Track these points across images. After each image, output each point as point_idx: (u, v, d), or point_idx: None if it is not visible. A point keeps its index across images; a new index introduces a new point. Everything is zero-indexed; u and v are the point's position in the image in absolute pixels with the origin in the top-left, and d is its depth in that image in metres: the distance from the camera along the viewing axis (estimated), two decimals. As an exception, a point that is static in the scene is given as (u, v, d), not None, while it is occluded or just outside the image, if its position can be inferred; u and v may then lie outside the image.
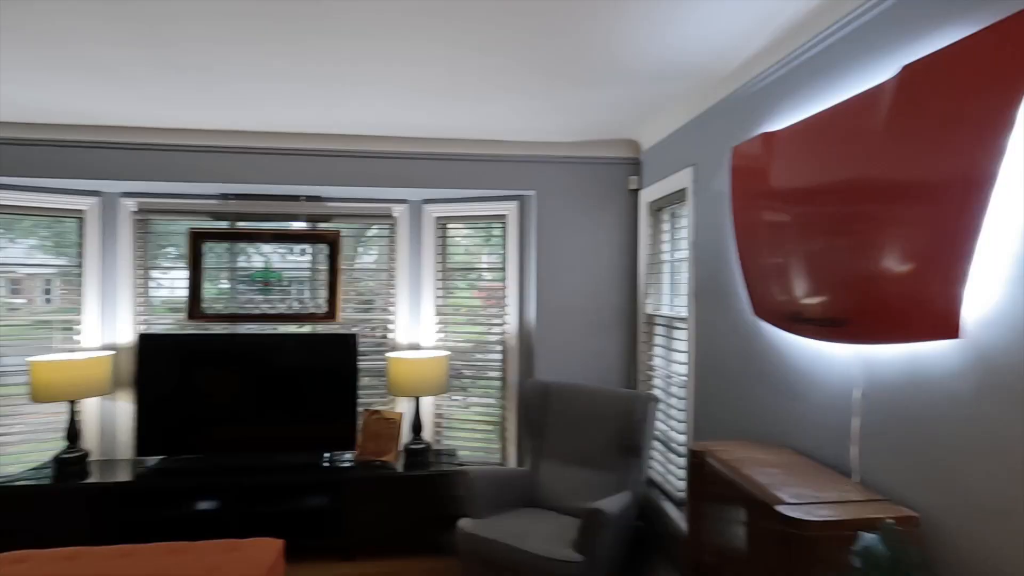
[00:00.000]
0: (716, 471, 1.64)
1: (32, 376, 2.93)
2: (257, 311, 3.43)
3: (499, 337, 3.51)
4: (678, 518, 2.61)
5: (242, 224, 3.46)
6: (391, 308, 3.58)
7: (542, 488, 2.86)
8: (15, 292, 3.31)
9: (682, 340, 2.72)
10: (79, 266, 3.31)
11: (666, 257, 3.04)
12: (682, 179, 2.67)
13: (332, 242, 3.44)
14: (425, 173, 3.28)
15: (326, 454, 3.29)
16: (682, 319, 2.73)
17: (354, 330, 3.44)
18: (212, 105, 2.66)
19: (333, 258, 3.44)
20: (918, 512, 1.31)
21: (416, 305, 3.57)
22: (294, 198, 3.45)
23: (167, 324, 3.43)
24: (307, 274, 3.50)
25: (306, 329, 3.48)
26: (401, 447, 3.25)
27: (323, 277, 3.47)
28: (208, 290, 3.40)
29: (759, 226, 1.94)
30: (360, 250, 3.67)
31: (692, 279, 2.56)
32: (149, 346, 3.13)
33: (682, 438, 2.69)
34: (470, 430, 3.56)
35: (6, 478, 2.92)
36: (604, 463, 2.76)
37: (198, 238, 3.34)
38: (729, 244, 2.21)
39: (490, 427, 3.53)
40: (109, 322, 3.34)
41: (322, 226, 3.52)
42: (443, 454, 3.36)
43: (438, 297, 3.59)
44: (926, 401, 1.33)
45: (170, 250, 3.49)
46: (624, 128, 3.05)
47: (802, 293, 1.65)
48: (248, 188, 3.30)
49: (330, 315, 3.43)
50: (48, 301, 3.37)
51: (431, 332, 3.57)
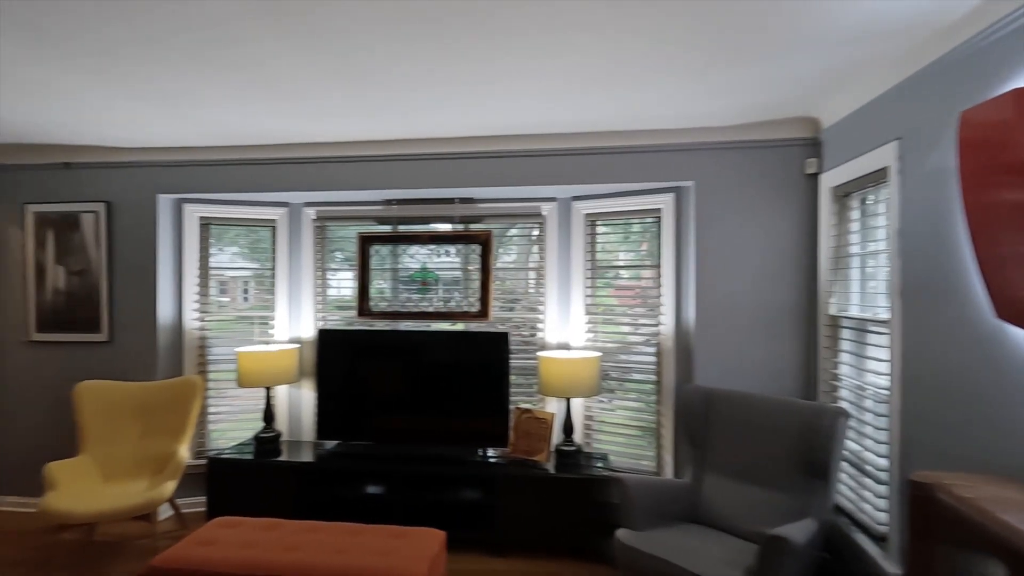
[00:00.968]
0: (955, 511, 1.33)
1: (238, 364, 3.39)
2: (416, 309, 3.62)
3: (648, 338, 3.31)
4: (878, 555, 2.23)
5: (403, 227, 3.69)
6: (539, 307, 3.57)
7: (706, 504, 2.62)
8: (223, 292, 3.86)
9: (880, 347, 2.32)
10: (272, 269, 3.76)
11: (855, 250, 2.63)
12: (882, 157, 2.27)
13: (483, 242, 3.52)
14: (575, 169, 3.21)
15: (479, 449, 3.37)
16: (880, 322, 2.32)
17: (504, 328, 3.48)
18: (377, 116, 2.84)
19: (485, 258, 3.51)
20: None
21: (565, 304, 3.52)
22: (448, 201, 3.58)
23: (341, 321, 3.77)
24: (459, 274, 3.62)
25: (459, 327, 3.60)
26: (552, 447, 3.21)
27: (475, 276, 3.56)
28: (374, 289, 3.67)
29: (1004, 207, 1.55)
30: (504, 249, 3.71)
31: (896, 275, 2.16)
32: (326, 340, 3.46)
33: (882, 462, 2.29)
34: (621, 434, 3.42)
35: (219, 451, 3.42)
36: (781, 483, 2.45)
37: (366, 241, 3.62)
38: (954, 231, 1.82)
39: (642, 433, 3.35)
40: (295, 318, 3.75)
41: (474, 227, 3.61)
42: (594, 458, 3.26)
43: (587, 296, 3.49)
44: None
45: (340, 253, 3.83)
46: (800, 104, 2.69)
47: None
48: (408, 193, 3.49)
49: (482, 313, 3.51)
50: (246, 300, 3.89)
51: (580, 332, 3.49)
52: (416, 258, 3.66)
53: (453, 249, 3.61)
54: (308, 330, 3.75)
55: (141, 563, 2.96)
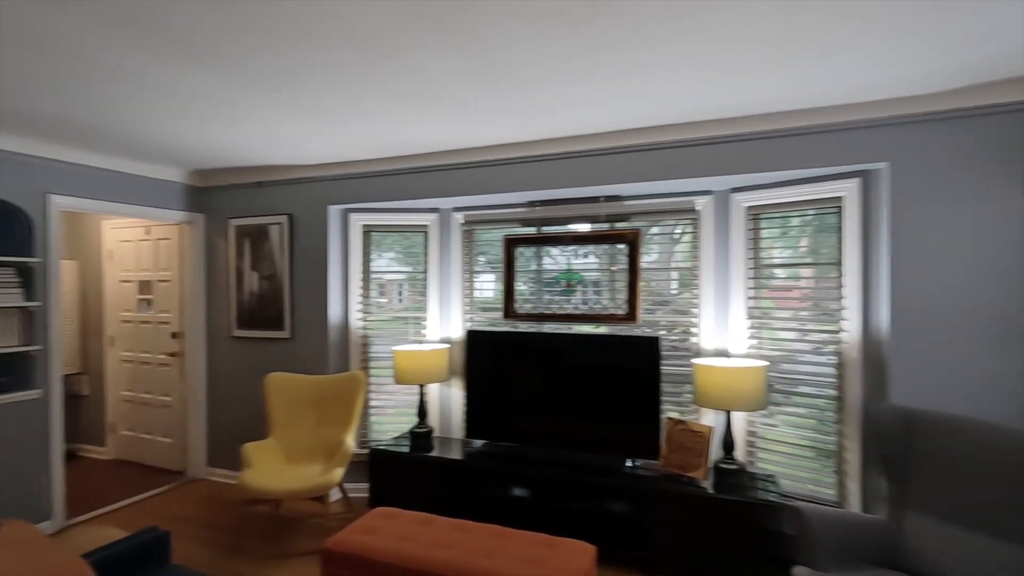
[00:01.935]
0: None
1: (395, 362, 3.61)
2: (560, 311, 3.56)
3: (819, 345, 2.87)
4: None
5: (547, 228, 3.65)
6: (693, 310, 3.29)
7: (912, 549, 2.18)
8: (380, 294, 4.15)
9: None
10: (424, 272, 3.96)
11: None
12: None
13: (631, 241, 3.34)
14: (735, 157, 2.90)
15: (627, 459, 3.19)
16: None
17: (656, 333, 3.26)
18: (521, 117, 2.81)
19: (632, 258, 3.33)
20: None
21: (723, 307, 3.20)
22: (593, 200, 3.46)
23: (488, 322, 3.84)
24: (605, 275, 3.48)
25: (602, 330, 3.46)
26: (710, 464, 2.93)
27: (622, 277, 3.40)
28: (520, 291, 3.67)
29: None
30: (646, 248, 3.48)
31: None
32: (474, 341, 3.54)
33: None
34: (790, 455, 3.01)
35: (379, 442, 3.67)
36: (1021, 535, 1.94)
37: (511, 244, 3.65)
38: None
39: (817, 455, 2.92)
40: (445, 319, 3.91)
41: (620, 225, 3.45)
42: (760, 479, 2.91)
43: (750, 298, 3.14)
44: None
45: (485, 256, 3.90)
46: (1045, 56, 2.12)
47: None
48: (552, 194, 3.44)
49: (629, 316, 3.33)
50: (400, 301, 4.13)
51: (741, 338, 3.15)
52: (560, 259, 3.60)
53: (598, 249, 3.49)
54: (457, 331, 3.88)
55: (316, 539, 3.28)
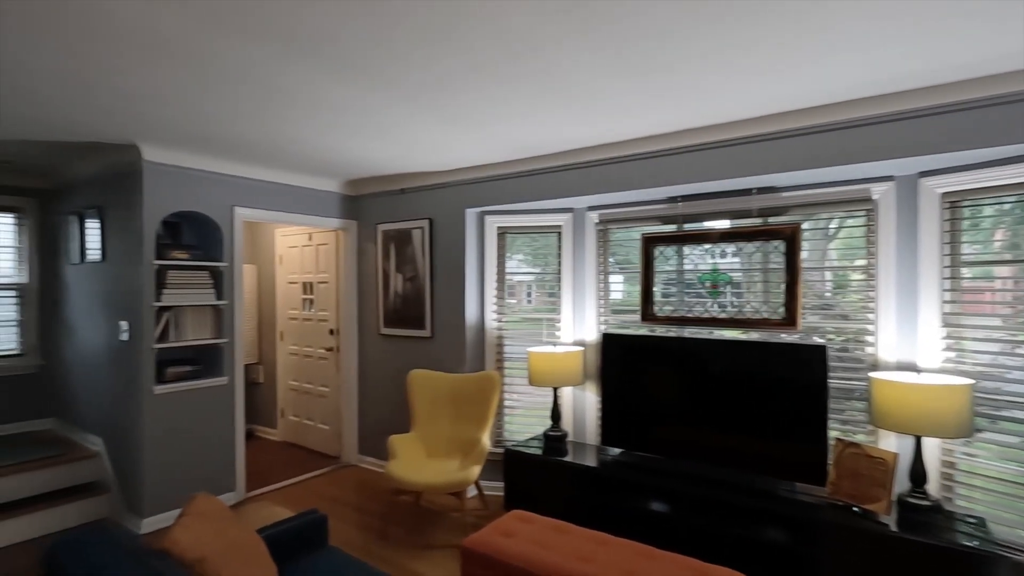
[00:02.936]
0: None
1: (529, 363, 3.59)
2: (704, 314, 3.28)
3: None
4: None
5: (689, 226, 3.40)
6: (868, 315, 2.84)
7: None
8: (512, 295, 4.17)
9: None
10: (558, 273, 3.90)
11: None
12: None
13: (789, 237, 2.98)
14: (933, 133, 2.43)
15: (785, 481, 2.85)
16: None
17: (822, 341, 2.87)
18: (666, 106, 2.63)
19: (791, 256, 2.97)
20: None
21: (908, 313, 2.72)
22: (744, 192, 3.15)
23: (623, 324, 3.68)
24: (757, 275, 3.15)
25: (755, 336, 3.12)
26: (893, 497, 2.49)
27: (778, 278, 3.04)
28: (659, 292, 3.47)
29: None
30: (812, 244, 3.07)
31: None
32: (610, 344, 3.40)
33: None
34: (1002, 494, 2.46)
35: (514, 443, 3.68)
36: None
37: (650, 243, 3.45)
38: None
39: (1046, 498, 2.35)
40: (579, 321, 3.82)
41: (775, 220, 3.10)
42: (961, 521, 2.41)
43: (945, 303, 2.63)
44: None
45: (620, 256, 3.74)
46: None
47: None
48: (695, 188, 3.19)
49: (788, 321, 2.97)
50: (530, 302, 4.12)
51: (933, 349, 2.64)
52: (705, 258, 3.33)
53: (749, 247, 3.16)
54: (591, 333, 3.77)
55: (454, 533, 3.37)
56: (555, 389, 3.63)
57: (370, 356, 4.63)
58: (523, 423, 4.02)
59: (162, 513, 3.47)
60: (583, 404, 3.78)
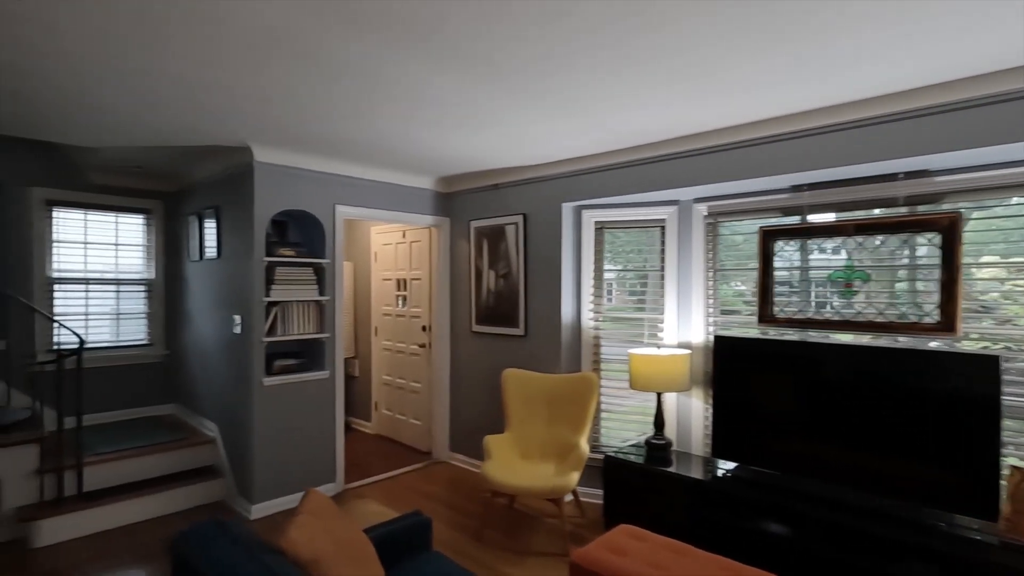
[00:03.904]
0: None
1: (630, 366, 3.38)
2: (835, 317, 2.92)
3: None
4: None
5: (816, 217, 3.04)
6: (1051, 321, 2.38)
7: None
8: (611, 293, 3.97)
9: None
10: (660, 270, 3.66)
11: None
12: None
13: (945, 229, 2.56)
14: None
15: (943, 512, 2.45)
16: None
17: (995, 350, 2.45)
18: (789, 82, 2.33)
19: (948, 250, 2.55)
20: None
21: (1109, 318, 2.24)
22: (888, 177, 2.75)
23: (734, 326, 3.37)
24: (903, 272, 2.75)
25: (903, 342, 2.72)
26: (1092, 542, 2.06)
27: (932, 276, 2.63)
28: (778, 292, 3.13)
29: None
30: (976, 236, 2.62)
31: None
32: (724, 348, 3.11)
33: None
34: None
35: (615, 449, 3.48)
36: None
37: (769, 236, 3.13)
38: None
39: None
40: (684, 322, 3.55)
41: (923, 209, 2.69)
42: None
43: None
44: None
45: (734, 251, 3.43)
46: None
47: None
48: (825, 175, 2.84)
49: (944, 326, 2.56)
50: (633, 302, 3.89)
51: None
52: (836, 253, 2.96)
53: (894, 240, 2.76)
54: (697, 335, 3.49)
55: (552, 541, 3.23)
56: (658, 395, 3.39)
57: (462, 353, 4.60)
58: (621, 428, 3.82)
59: (270, 500, 3.62)
60: (688, 411, 3.52)
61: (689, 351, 3.39)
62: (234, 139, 3.34)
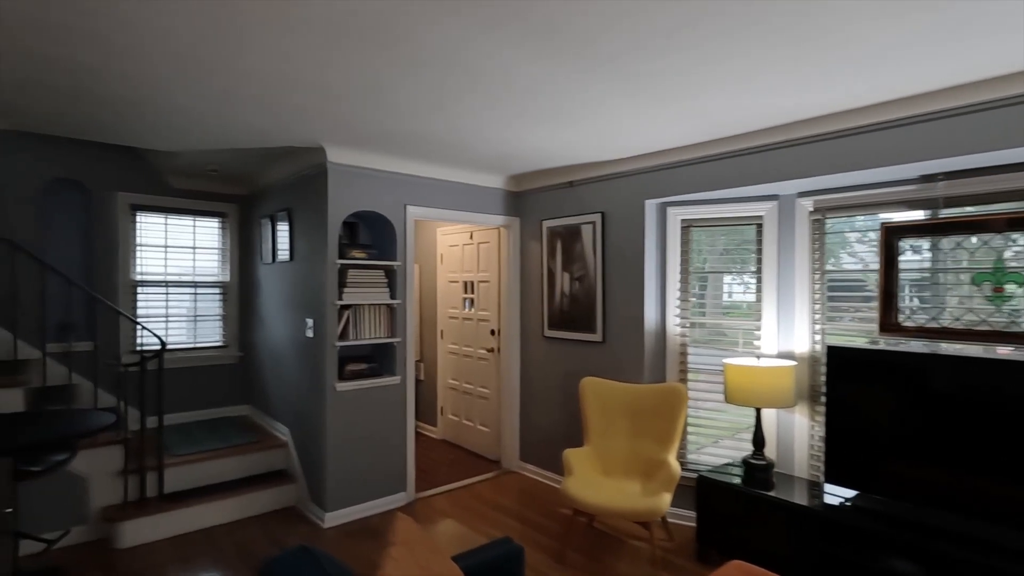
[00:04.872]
0: None
1: (726, 377, 3.08)
2: (982, 326, 2.52)
3: None
4: None
5: (950, 211, 2.64)
6: None
7: None
8: (701, 298, 3.65)
9: None
10: (757, 272, 3.33)
11: None
12: None
13: None
14: None
15: None
16: None
17: None
18: (929, 56, 1.98)
19: None
20: None
21: None
22: (1050, 163, 2.34)
23: (849, 335, 3.01)
24: (1068, 275, 2.33)
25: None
26: None
27: (1109, 279, 2.21)
28: (905, 298, 2.75)
29: None
30: None
31: None
32: (839, 360, 2.76)
33: None
34: None
35: (708, 467, 3.19)
36: None
37: (892, 234, 2.75)
38: None
39: None
40: (785, 329, 3.20)
41: (1098, 200, 2.26)
42: None
43: None
44: None
45: (844, 250, 3.06)
46: None
47: None
48: (965, 162, 2.45)
49: None
50: (726, 305, 3.57)
51: None
52: (986, 253, 2.56)
53: (1059, 237, 2.35)
54: (801, 344, 3.14)
55: (639, 567, 2.97)
56: (757, 410, 3.07)
57: (533, 359, 4.40)
58: (711, 444, 3.51)
59: (343, 508, 3.53)
60: (789, 428, 3.17)
61: (794, 363, 3.04)
62: (308, 139, 3.27)
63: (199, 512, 3.42)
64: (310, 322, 3.65)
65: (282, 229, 4.07)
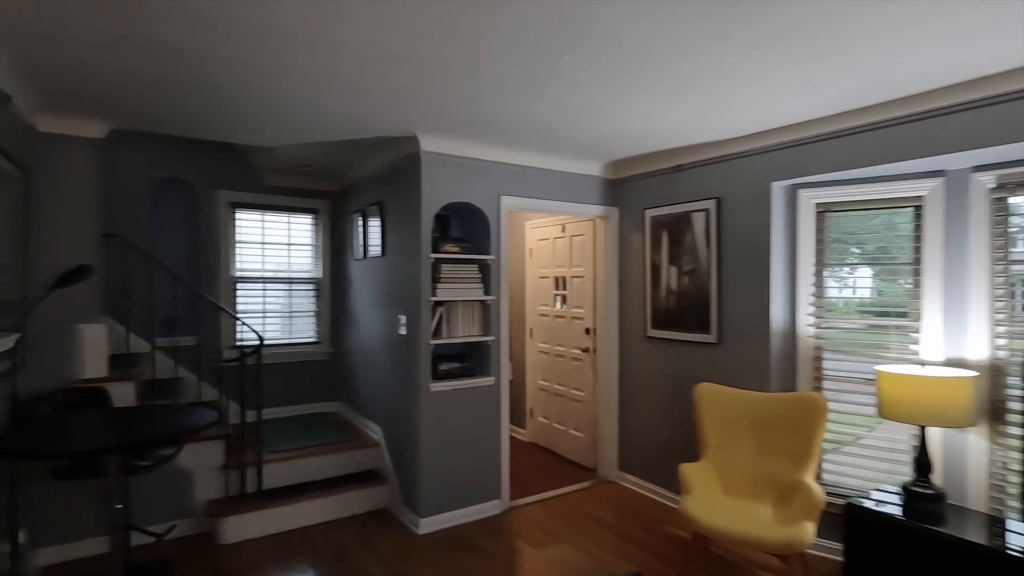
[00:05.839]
0: None
1: (879, 388, 2.60)
2: None
3: None
4: None
5: None
6: None
7: None
8: (840, 293, 3.17)
9: None
10: (914, 264, 2.80)
11: None
12: None
13: None
14: None
15: None
16: None
17: None
18: None
19: None
20: None
21: None
22: None
23: (1043, 340, 2.45)
24: None
25: None
26: None
27: None
28: None
29: None
30: None
31: None
32: (1042, 371, 2.22)
33: None
34: None
35: (856, 492, 2.72)
36: None
37: (1120, 212, 2.18)
38: None
39: None
40: (954, 332, 2.67)
41: None
42: None
43: None
44: None
45: (1040, 236, 2.49)
46: None
47: None
48: None
49: None
50: (872, 301, 3.07)
51: None
52: None
53: None
54: (978, 350, 2.59)
55: (772, 605, 2.57)
56: (922, 428, 2.57)
57: (633, 361, 4.05)
58: (853, 464, 3.01)
59: (438, 515, 3.37)
60: (961, 450, 2.64)
61: (974, 372, 2.51)
62: (400, 128, 3.12)
63: (296, 511, 3.37)
64: (403, 319, 3.52)
65: (373, 224, 3.97)
